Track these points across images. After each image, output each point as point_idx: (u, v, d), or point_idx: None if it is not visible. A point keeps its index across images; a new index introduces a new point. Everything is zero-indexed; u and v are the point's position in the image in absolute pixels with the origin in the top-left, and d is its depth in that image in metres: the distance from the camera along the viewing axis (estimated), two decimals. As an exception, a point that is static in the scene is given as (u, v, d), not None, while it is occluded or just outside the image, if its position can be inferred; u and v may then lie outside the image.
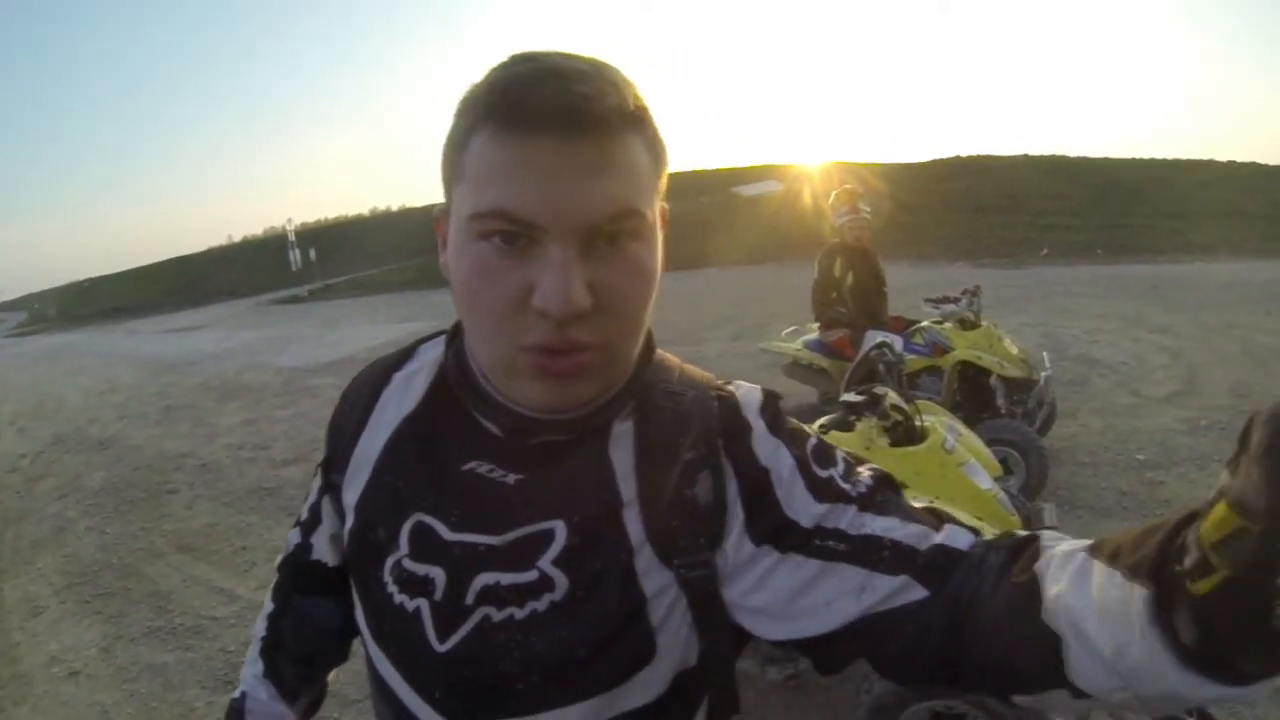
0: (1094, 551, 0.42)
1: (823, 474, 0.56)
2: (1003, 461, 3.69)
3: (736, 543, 0.54)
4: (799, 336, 4.64)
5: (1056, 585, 0.42)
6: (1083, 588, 0.40)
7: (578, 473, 0.55)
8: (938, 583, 0.49)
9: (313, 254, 23.31)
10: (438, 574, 0.56)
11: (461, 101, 0.51)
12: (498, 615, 0.54)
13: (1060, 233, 14.35)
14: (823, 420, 2.58)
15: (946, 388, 4.29)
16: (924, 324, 4.45)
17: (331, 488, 0.68)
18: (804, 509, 0.54)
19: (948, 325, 4.34)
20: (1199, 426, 5.08)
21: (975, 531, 0.53)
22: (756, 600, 0.54)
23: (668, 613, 0.54)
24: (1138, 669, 0.37)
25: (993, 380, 4.24)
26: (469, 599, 0.55)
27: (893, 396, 2.42)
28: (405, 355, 0.67)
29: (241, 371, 8.91)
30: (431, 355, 0.65)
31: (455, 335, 0.63)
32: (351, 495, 0.63)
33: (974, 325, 4.31)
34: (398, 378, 0.64)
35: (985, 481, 2.35)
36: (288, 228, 26.09)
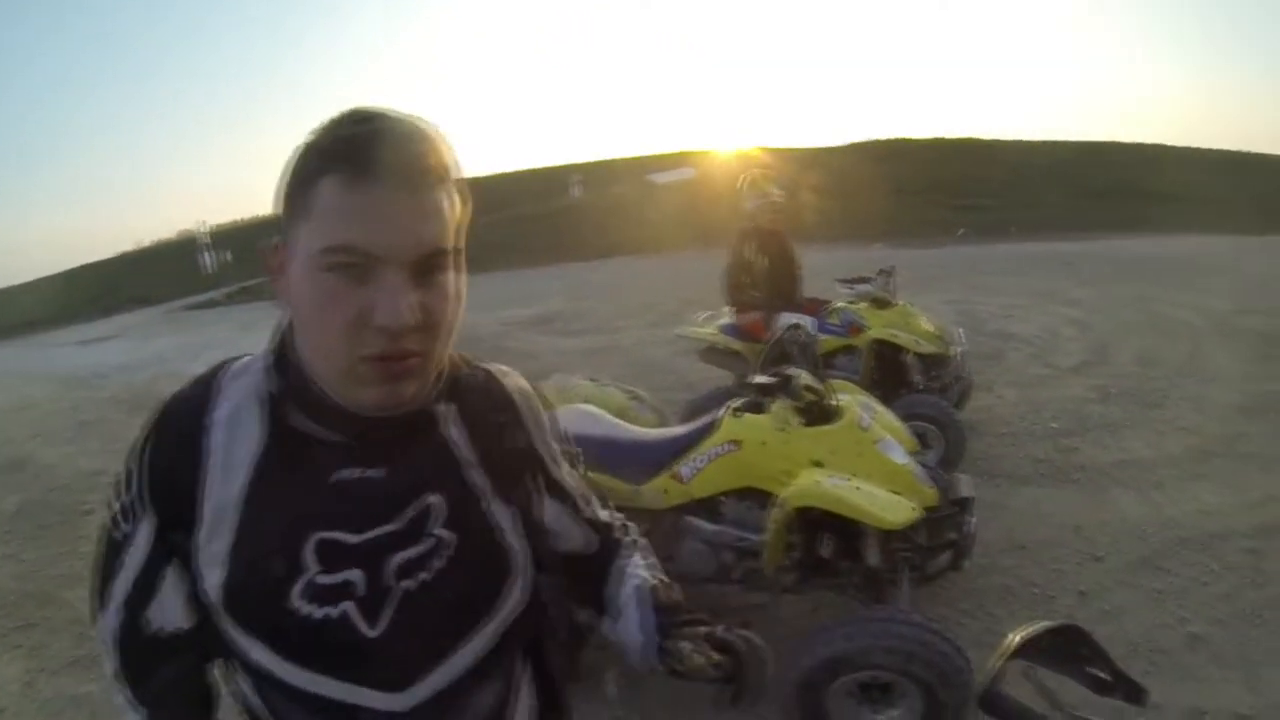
0: (652, 591, 1.04)
1: (558, 442, 1.02)
2: (921, 436, 4.33)
3: (540, 483, 0.96)
4: (714, 321, 5.24)
5: (627, 581, 1.06)
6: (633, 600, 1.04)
7: (427, 452, 0.85)
8: (604, 533, 1.08)
9: (228, 256, 25.54)
10: (355, 575, 0.79)
11: (306, 148, 0.73)
12: (413, 585, 0.81)
13: (976, 213, 16.48)
14: (734, 403, 2.94)
15: (863, 366, 4.98)
16: (839, 304, 5.16)
17: (175, 548, 0.80)
18: (555, 462, 1.00)
19: (863, 305, 5.07)
20: (1109, 394, 6.16)
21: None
22: (547, 522, 0.98)
23: (515, 538, 0.90)
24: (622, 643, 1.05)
25: (908, 357, 4.97)
26: (388, 581, 0.80)
27: (805, 377, 2.73)
28: (206, 395, 0.82)
29: (154, 381, 9.51)
30: (245, 388, 0.82)
31: (280, 360, 0.82)
32: (219, 545, 0.78)
33: (889, 304, 5.06)
34: (218, 420, 0.80)
35: (901, 456, 2.78)
36: (200, 230, 28.56)
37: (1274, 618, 3.51)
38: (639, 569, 1.10)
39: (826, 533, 2.76)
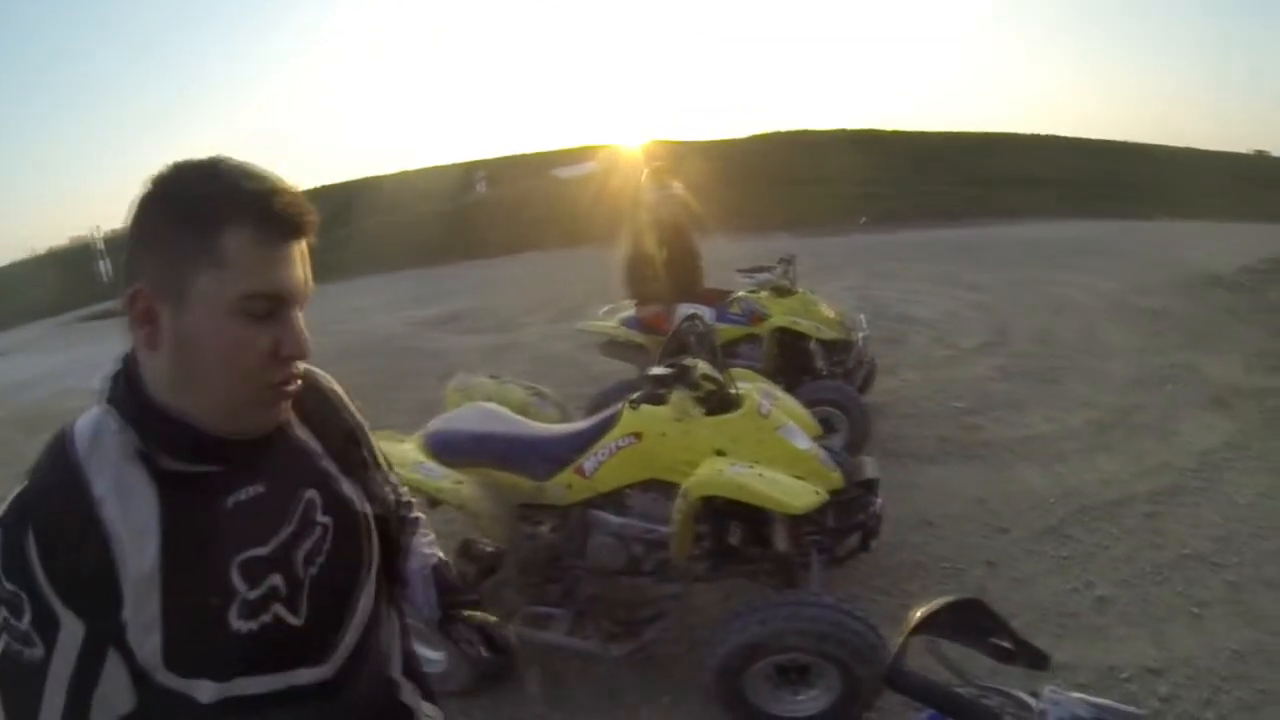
0: (434, 570, 1.40)
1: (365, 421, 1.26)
2: (826, 420, 4.63)
3: (364, 456, 1.22)
4: (615, 315, 5.45)
5: (414, 558, 1.38)
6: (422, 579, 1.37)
7: (289, 456, 1.04)
8: (403, 509, 1.37)
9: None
10: (276, 579, 0.96)
11: (198, 200, 0.86)
12: (315, 570, 1.01)
13: (877, 202, 17.83)
14: (632, 396, 3.06)
15: (765, 354, 5.22)
16: (740, 294, 5.42)
17: (109, 635, 0.86)
18: (369, 438, 1.27)
19: (764, 294, 5.35)
20: (1009, 372, 6.60)
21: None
22: (374, 489, 1.21)
23: (362, 504, 1.13)
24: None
25: (811, 344, 5.24)
26: (299, 574, 0.99)
27: (703, 367, 2.90)
28: (76, 476, 0.86)
29: (52, 399, 9.67)
30: (114, 452, 0.89)
31: (130, 410, 0.91)
32: (149, 611, 0.86)
33: (790, 292, 5.35)
34: (105, 495, 0.86)
35: (804, 442, 2.93)
36: (95, 236, 29.28)
37: (1174, 576, 3.82)
38: (424, 546, 1.40)
39: (734, 521, 2.88)
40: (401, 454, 2.97)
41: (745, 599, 2.75)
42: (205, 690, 0.91)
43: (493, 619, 1.43)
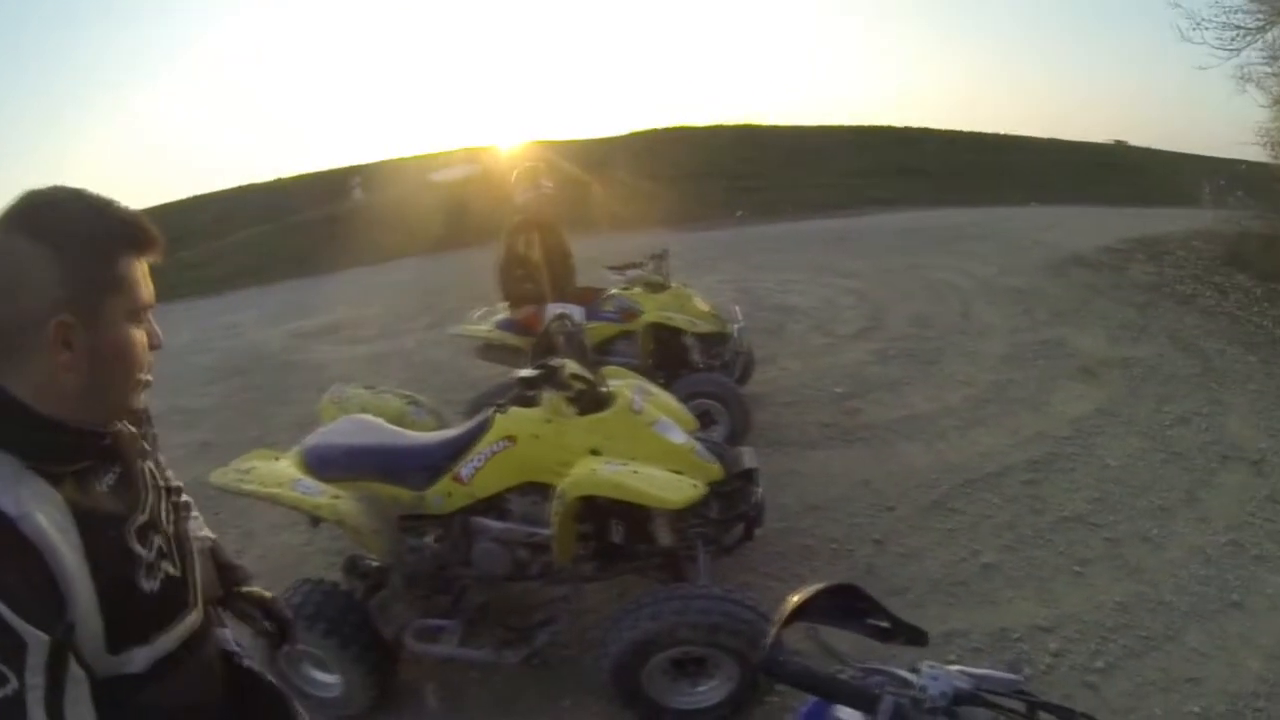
0: (213, 551, 1.61)
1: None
2: (705, 413, 4.83)
3: (153, 438, 1.40)
4: (490, 317, 5.51)
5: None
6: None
7: (124, 439, 1.23)
8: (177, 496, 1.42)
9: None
10: (158, 539, 1.22)
11: (93, 236, 1.09)
12: (173, 526, 1.29)
13: (753, 195, 18.57)
14: (501, 400, 3.12)
15: (641, 350, 5.35)
16: (613, 291, 5.55)
17: (67, 641, 1.01)
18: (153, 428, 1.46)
19: (637, 290, 5.49)
20: (887, 356, 6.91)
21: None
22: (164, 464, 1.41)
23: (160, 469, 1.36)
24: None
25: (686, 338, 5.39)
26: (169, 529, 1.27)
27: (572, 366, 3.01)
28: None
29: None
30: (6, 472, 1.04)
31: (18, 439, 1.07)
32: (86, 600, 1.05)
33: (663, 287, 5.51)
34: (19, 517, 0.99)
35: (679, 436, 3.04)
36: None
37: (1055, 538, 4.10)
38: (197, 529, 1.56)
39: (616, 519, 2.98)
40: (277, 472, 2.99)
41: (635, 596, 2.80)
42: (139, 659, 1.15)
43: (269, 594, 1.69)
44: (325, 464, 3.04)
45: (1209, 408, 5.62)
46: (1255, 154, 11.53)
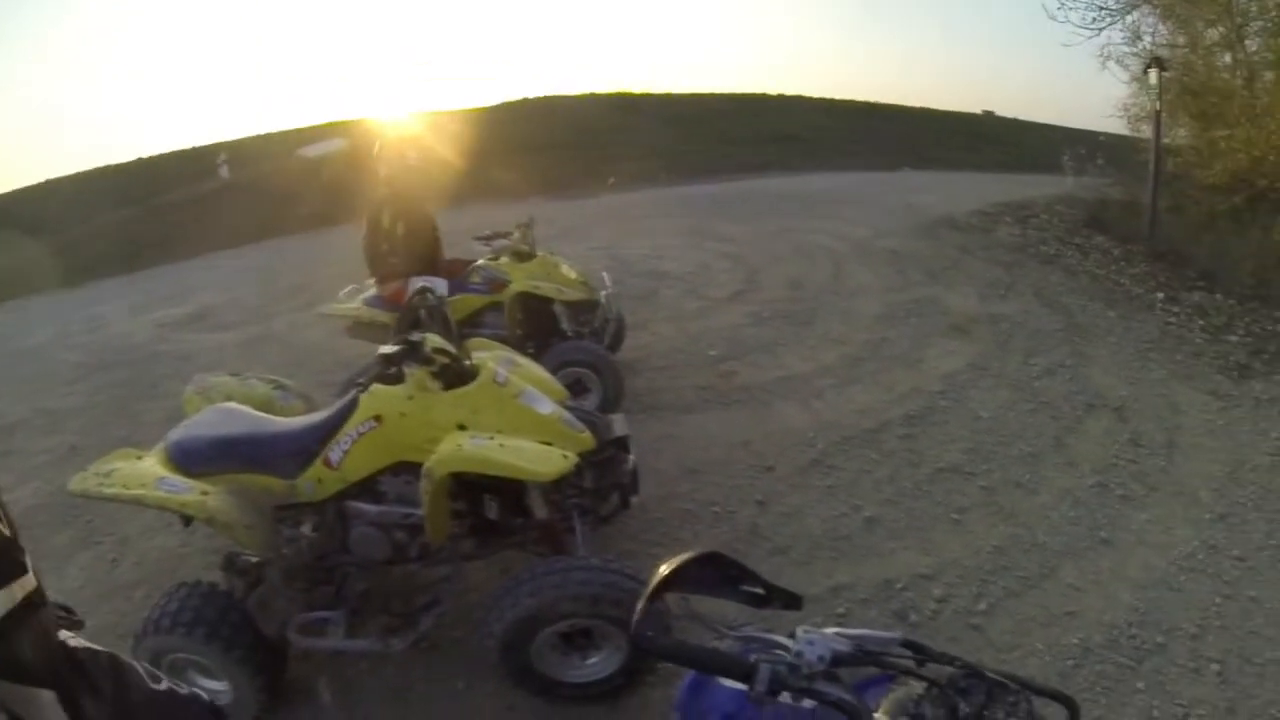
0: None
1: None
2: (578, 381, 4.86)
3: None
4: (358, 295, 5.44)
5: None
6: None
7: None
8: None
9: None
10: None
11: None
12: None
13: (626, 163, 18.62)
14: (360, 378, 3.09)
15: (509, 320, 5.31)
16: (480, 263, 5.50)
17: None
18: None
19: (504, 260, 5.46)
20: (762, 318, 6.99)
21: None
22: None
23: None
24: None
25: (555, 306, 5.39)
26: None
27: (435, 340, 2.97)
28: None
29: None
30: None
31: None
32: None
33: (530, 256, 5.49)
34: None
35: (546, 406, 3.02)
36: None
37: (933, 489, 4.25)
38: None
39: (489, 495, 2.98)
40: (141, 472, 2.87)
41: (514, 573, 2.79)
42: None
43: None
44: (191, 459, 2.96)
45: (1073, 360, 5.95)
46: (1115, 126, 12.48)
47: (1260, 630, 3.29)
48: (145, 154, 28.55)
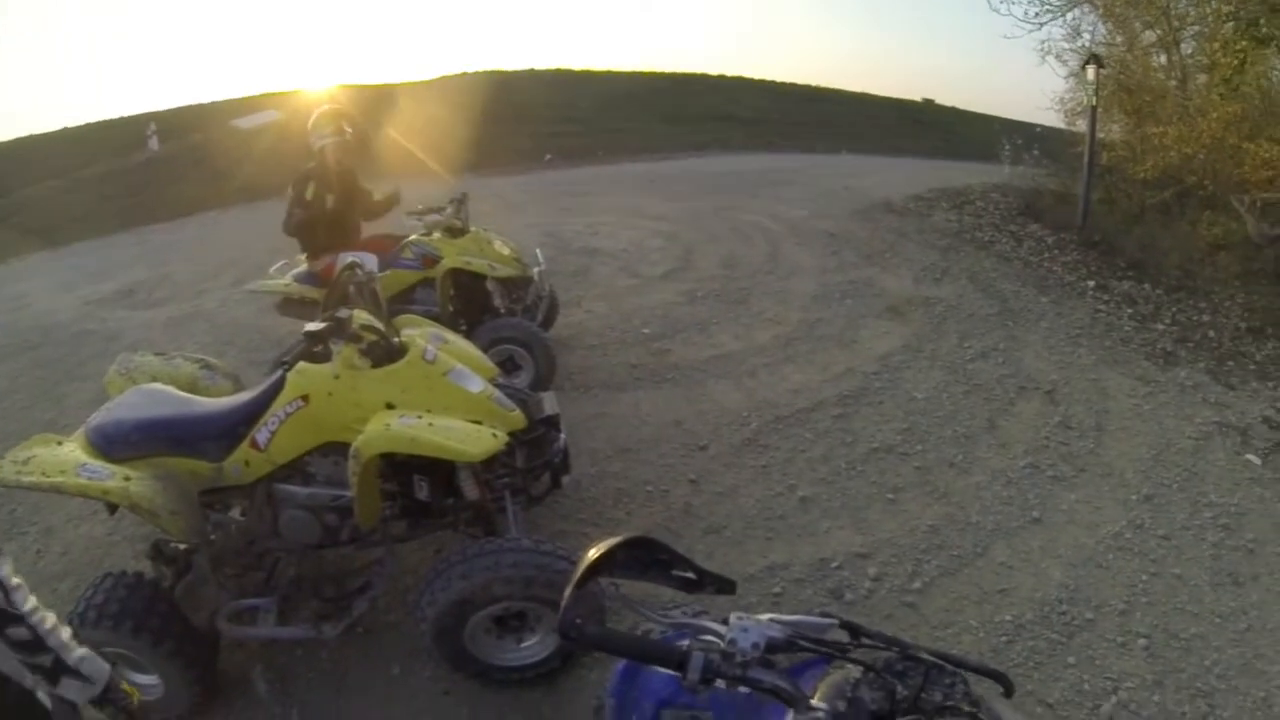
0: None
1: None
2: (509, 359, 4.83)
3: None
4: (288, 271, 5.38)
5: None
6: None
7: None
8: None
9: None
10: None
11: None
12: None
13: (563, 139, 18.51)
14: (286, 356, 3.04)
15: (441, 296, 5.26)
16: (412, 238, 5.44)
17: None
18: None
19: (436, 235, 5.40)
20: (696, 296, 6.96)
21: None
22: None
23: None
24: None
25: (488, 283, 5.33)
26: None
27: (363, 317, 2.93)
28: None
29: None
30: None
31: None
32: None
33: (462, 232, 5.42)
34: None
35: (476, 384, 2.98)
36: None
37: (867, 468, 4.28)
38: None
39: (419, 475, 2.95)
40: (60, 459, 2.80)
41: (444, 555, 2.79)
42: None
43: None
44: (113, 443, 2.87)
45: (1006, 344, 6.06)
46: (1051, 119, 12.84)
47: (1185, 606, 3.39)
48: (70, 124, 27.62)
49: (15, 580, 1.62)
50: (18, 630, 1.59)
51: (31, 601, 1.65)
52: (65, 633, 1.70)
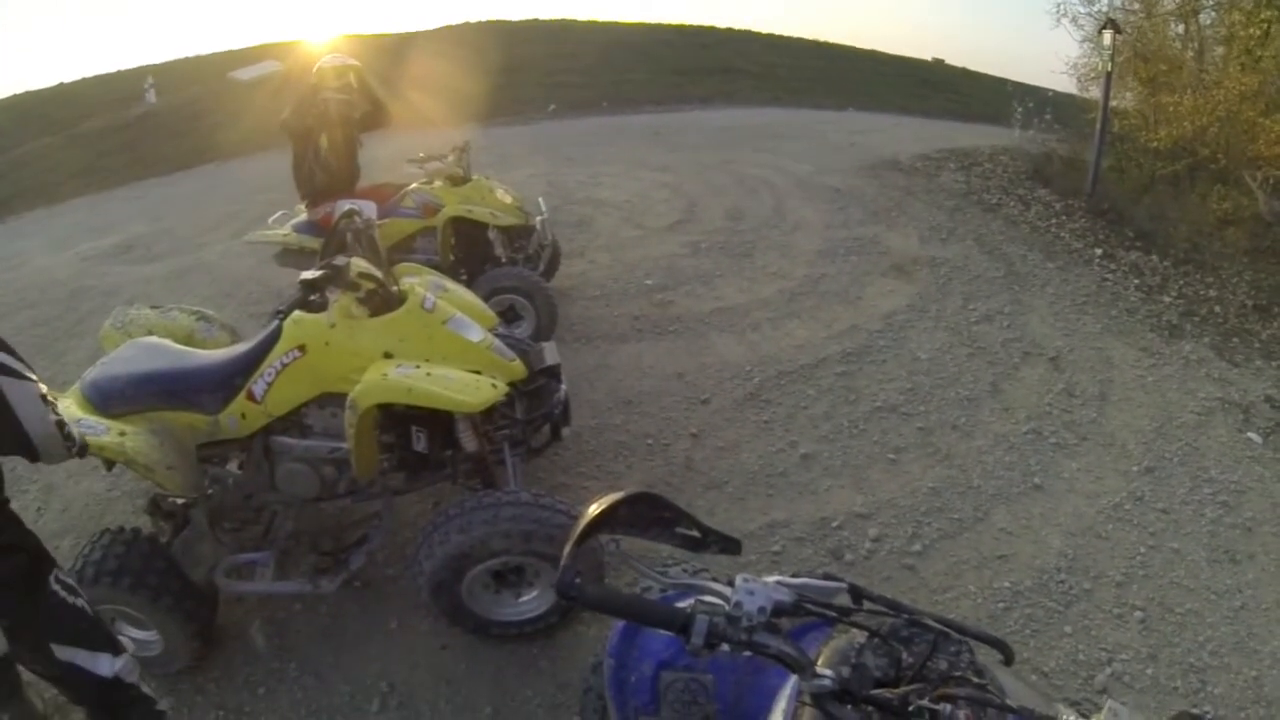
0: None
1: None
2: (510, 309, 4.76)
3: None
4: (288, 221, 5.33)
5: None
6: None
7: None
8: None
9: None
10: None
11: None
12: None
13: (567, 90, 18.23)
14: (281, 306, 2.97)
15: (441, 245, 5.20)
16: (412, 186, 5.37)
17: None
18: None
19: (437, 184, 5.32)
20: (700, 248, 6.89)
21: None
22: None
23: None
24: None
25: (490, 232, 5.27)
26: None
27: (360, 265, 2.83)
28: None
29: None
30: None
31: None
32: None
33: (464, 180, 5.34)
34: None
35: (476, 334, 2.92)
36: None
37: (869, 427, 4.23)
38: None
39: (417, 426, 2.90)
40: None
41: (442, 508, 2.74)
42: None
43: None
44: (108, 398, 2.83)
45: (1011, 307, 5.98)
46: (1064, 84, 12.63)
47: (1181, 581, 3.37)
48: (66, 79, 27.36)
49: None
50: None
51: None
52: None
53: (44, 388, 1.97)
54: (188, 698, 2.78)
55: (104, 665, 2.13)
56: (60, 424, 2.01)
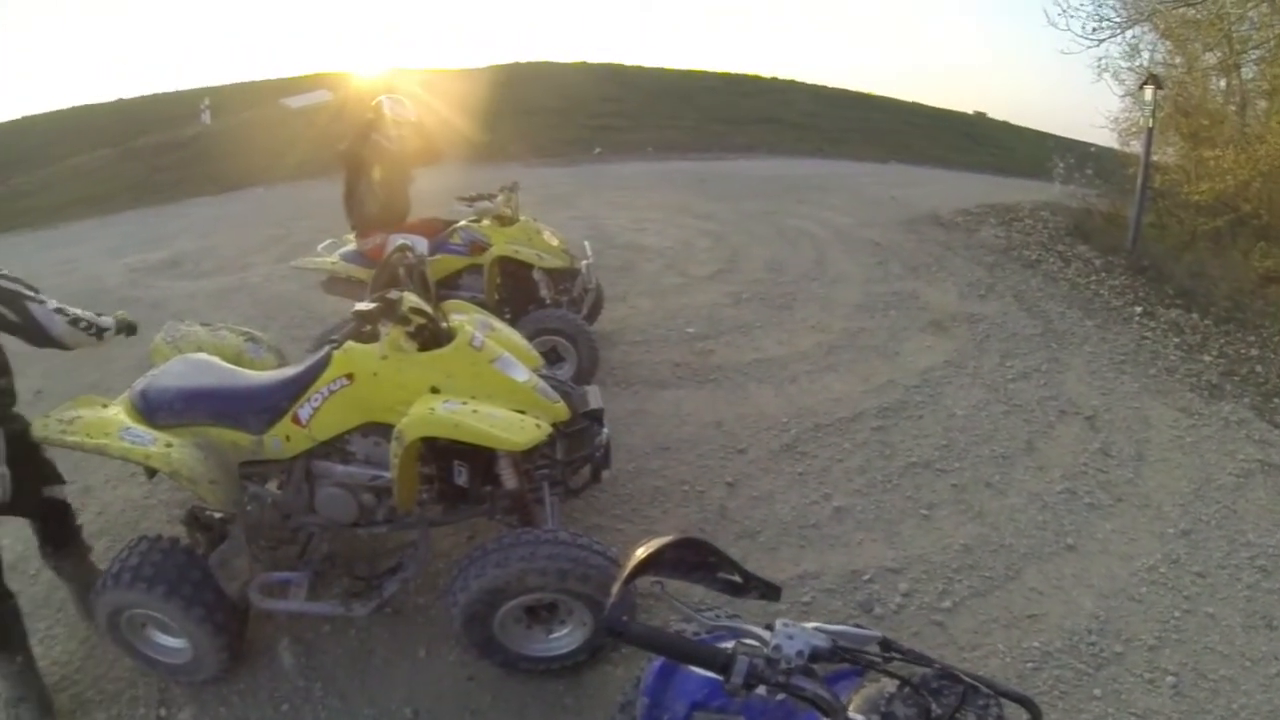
0: None
1: None
2: (552, 350, 4.85)
3: None
4: (336, 249, 5.43)
5: None
6: None
7: None
8: None
9: None
10: None
11: None
12: None
13: (613, 134, 18.62)
14: (334, 334, 3.04)
15: (487, 284, 5.31)
16: (461, 224, 5.48)
17: None
18: None
19: (486, 223, 5.44)
20: (741, 298, 6.98)
21: None
22: None
23: None
24: None
25: (535, 273, 5.37)
26: None
27: (412, 299, 2.93)
28: None
29: None
30: None
31: None
32: None
33: (512, 221, 5.47)
34: None
35: (521, 374, 2.98)
36: None
37: (903, 483, 4.26)
38: None
39: (459, 461, 2.93)
40: (105, 421, 2.83)
41: (480, 543, 2.78)
42: None
43: None
44: (157, 409, 2.91)
45: (1048, 365, 5.98)
46: (1105, 139, 12.58)
47: (1215, 646, 3.33)
48: (125, 96, 28.32)
49: None
50: None
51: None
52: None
53: (55, 302, 2.86)
54: (211, 708, 2.86)
55: None
56: (74, 320, 2.90)
